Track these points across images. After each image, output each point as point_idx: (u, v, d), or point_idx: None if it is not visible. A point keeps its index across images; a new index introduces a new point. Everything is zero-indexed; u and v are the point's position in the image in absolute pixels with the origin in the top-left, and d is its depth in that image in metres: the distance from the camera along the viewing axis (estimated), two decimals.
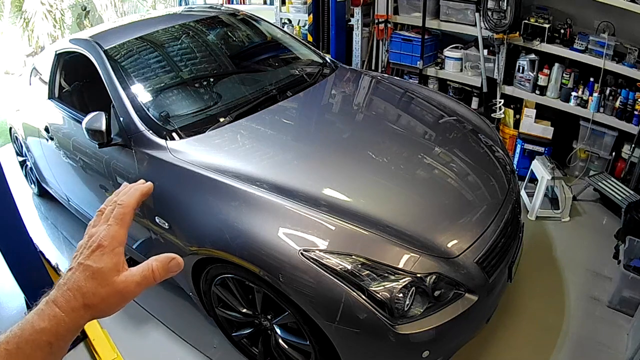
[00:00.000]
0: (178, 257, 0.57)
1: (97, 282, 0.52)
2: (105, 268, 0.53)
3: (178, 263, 0.57)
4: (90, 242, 0.55)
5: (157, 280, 0.56)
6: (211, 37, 2.94)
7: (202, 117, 2.26)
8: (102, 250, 0.54)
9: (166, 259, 0.57)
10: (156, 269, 0.56)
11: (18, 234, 2.12)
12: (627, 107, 3.08)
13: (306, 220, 1.68)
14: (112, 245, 0.55)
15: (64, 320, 0.50)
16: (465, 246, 1.71)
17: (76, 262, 0.54)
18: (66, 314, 0.50)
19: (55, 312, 0.50)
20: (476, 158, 2.20)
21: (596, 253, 2.77)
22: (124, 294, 0.54)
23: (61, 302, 0.51)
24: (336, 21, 4.08)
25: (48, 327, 0.49)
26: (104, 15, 10.03)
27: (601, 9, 3.06)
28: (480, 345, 2.16)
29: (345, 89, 2.78)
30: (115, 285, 0.53)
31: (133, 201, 0.60)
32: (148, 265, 0.56)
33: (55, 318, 0.50)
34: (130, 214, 0.59)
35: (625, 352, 2.11)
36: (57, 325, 0.50)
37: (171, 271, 0.57)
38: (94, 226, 0.58)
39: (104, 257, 0.54)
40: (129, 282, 0.54)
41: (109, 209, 0.59)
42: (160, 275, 0.56)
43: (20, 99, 3.39)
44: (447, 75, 3.89)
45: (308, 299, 1.59)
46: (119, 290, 0.53)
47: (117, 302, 0.54)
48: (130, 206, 0.59)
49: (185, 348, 2.26)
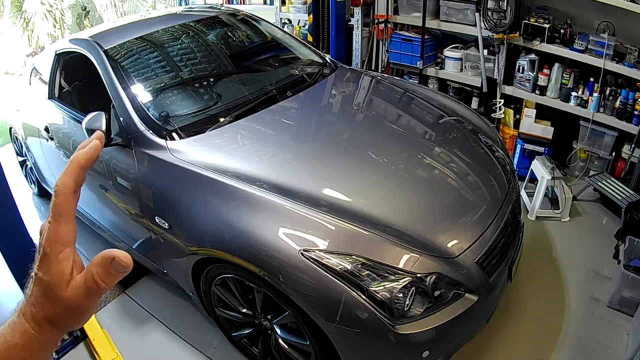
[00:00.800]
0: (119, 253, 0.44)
1: (49, 299, 0.45)
2: (53, 281, 0.45)
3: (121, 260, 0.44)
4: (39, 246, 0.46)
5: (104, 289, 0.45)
6: (211, 37, 2.94)
7: (202, 117, 2.26)
8: (47, 259, 0.45)
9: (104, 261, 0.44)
10: (97, 275, 0.45)
11: (18, 234, 2.12)
12: (627, 107, 3.08)
13: (306, 220, 1.68)
14: (56, 251, 0.45)
15: (34, 336, 0.45)
16: (465, 246, 1.71)
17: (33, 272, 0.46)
18: (34, 329, 0.45)
19: (25, 327, 0.45)
20: (476, 158, 2.20)
21: (596, 253, 2.77)
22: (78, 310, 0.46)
23: (28, 317, 0.45)
24: (336, 21, 4.08)
25: (20, 343, 0.45)
26: (104, 15, 10.03)
27: (601, 9, 3.06)
28: (480, 345, 2.15)
29: (345, 89, 2.78)
30: (65, 301, 0.45)
31: (69, 182, 0.46)
32: (88, 271, 0.45)
33: (26, 334, 0.45)
34: (69, 202, 0.46)
35: (625, 352, 2.11)
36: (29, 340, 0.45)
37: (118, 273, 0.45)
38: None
39: (50, 267, 0.45)
40: (77, 296, 0.45)
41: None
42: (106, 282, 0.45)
43: (20, 99, 3.39)
44: (447, 75, 3.88)
45: (308, 299, 1.59)
46: (71, 307, 0.45)
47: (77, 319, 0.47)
48: (65, 192, 0.45)
49: (185, 348, 2.26)
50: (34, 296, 0.45)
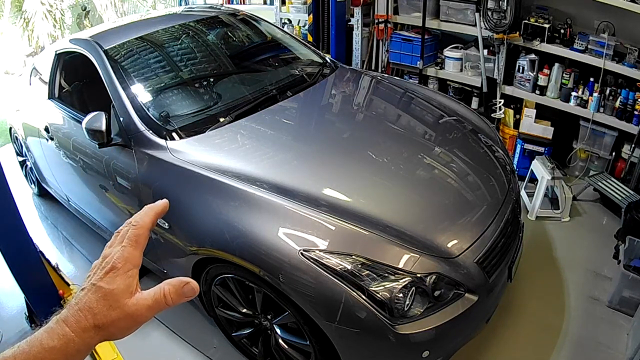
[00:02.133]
0: (192, 282, 0.56)
1: (108, 304, 0.52)
2: (118, 290, 0.52)
3: (192, 288, 0.55)
4: (104, 264, 0.54)
5: (170, 305, 0.55)
6: (211, 37, 2.94)
7: (202, 117, 2.26)
8: (116, 272, 0.53)
9: (179, 283, 0.55)
10: (168, 293, 0.54)
11: (18, 234, 2.12)
12: (627, 107, 3.08)
13: (306, 220, 1.68)
14: (126, 268, 0.54)
15: (73, 341, 0.49)
16: (465, 246, 1.71)
17: (89, 283, 0.53)
18: (76, 334, 0.50)
19: (65, 331, 0.49)
20: (476, 158, 2.20)
21: (596, 253, 2.77)
22: (135, 318, 0.53)
23: (71, 322, 0.50)
24: (336, 21, 4.08)
25: (57, 346, 0.48)
26: (104, 15, 10.02)
27: (601, 9, 3.06)
28: (480, 345, 2.16)
29: (345, 89, 2.78)
30: (126, 308, 0.52)
31: (147, 221, 0.59)
32: (160, 289, 0.55)
33: (64, 337, 0.49)
34: (144, 235, 0.58)
35: (625, 352, 2.11)
36: (66, 345, 0.49)
37: (185, 296, 0.55)
38: (110, 246, 0.57)
39: (117, 279, 0.53)
40: (140, 305, 0.53)
41: (124, 230, 0.58)
42: (173, 300, 0.54)
43: (20, 99, 3.39)
44: (447, 75, 3.88)
45: (308, 299, 1.59)
46: (130, 314, 0.53)
47: (128, 326, 0.53)
48: (144, 227, 0.58)
49: (185, 348, 2.26)
50: (86, 302, 0.51)
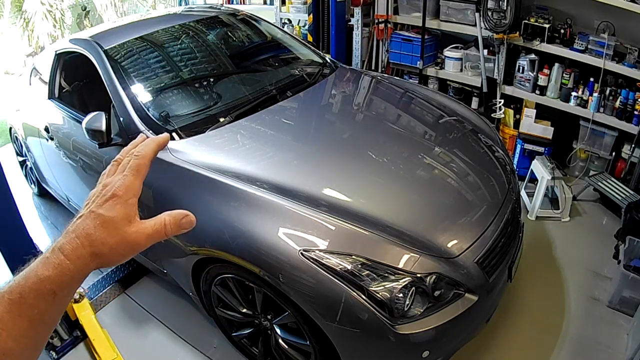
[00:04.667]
0: (191, 215, 0.57)
1: (107, 231, 0.52)
2: (117, 217, 0.52)
3: (190, 220, 0.57)
4: (104, 191, 0.54)
5: (168, 234, 0.56)
6: (211, 37, 2.94)
7: (202, 117, 2.26)
8: (116, 200, 0.53)
9: (179, 214, 0.57)
10: (168, 223, 0.56)
11: (18, 234, 2.12)
12: (627, 107, 3.08)
13: (306, 220, 1.68)
14: (127, 196, 0.54)
15: (68, 269, 0.49)
16: (465, 246, 1.71)
17: (87, 210, 0.53)
18: (72, 261, 0.49)
19: (61, 259, 0.49)
20: (476, 158, 2.20)
21: (596, 253, 2.77)
22: (132, 245, 0.53)
23: (68, 250, 0.50)
24: (336, 21, 4.07)
25: (52, 276, 0.48)
26: (104, 15, 10.03)
27: (601, 9, 3.06)
28: (480, 345, 2.15)
29: (345, 89, 2.78)
30: (125, 235, 0.53)
31: (150, 152, 0.59)
32: (161, 219, 0.56)
33: (60, 266, 0.49)
34: (146, 165, 0.58)
35: (625, 352, 2.11)
36: (61, 273, 0.49)
37: (183, 227, 0.57)
38: (108, 176, 0.57)
39: (117, 207, 0.53)
40: (140, 233, 0.54)
41: (126, 160, 0.58)
42: (171, 230, 0.56)
43: (20, 99, 3.39)
44: (447, 75, 3.88)
45: (308, 299, 1.59)
46: (129, 241, 0.53)
47: (124, 253, 0.53)
48: (146, 157, 0.58)
49: (185, 348, 2.26)
50: (83, 229, 0.51)
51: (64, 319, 2.24)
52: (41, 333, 0.50)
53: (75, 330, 2.31)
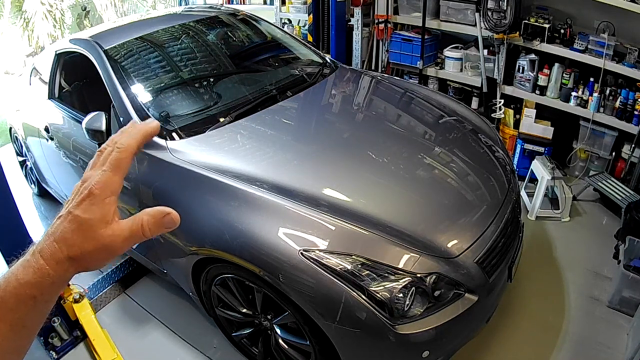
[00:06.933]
0: (173, 212, 0.52)
1: (83, 235, 0.49)
2: (94, 219, 0.49)
3: (172, 219, 0.52)
4: (82, 188, 0.50)
5: (147, 235, 0.51)
6: (211, 37, 2.94)
7: (202, 117, 2.26)
8: (92, 200, 0.49)
9: (159, 213, 0.51)
10: (146, 223, 0.51)
11: (18, 234, 2.12)
12: (627, 107, 3.08)
13: (306, 220, 1.68)
14: (104, 195, 0.50)
15: (48, 274, 0.47)
16: (465, 246, 1.71)
17: (66, 210, 0.50)
18: (51, 266, 0.47)
19: (40, 264, 0.47)
20: (476, 158, 2.20)
21: (596, 253, 2.77)
22: (109, 249, 0.50)
23: (47, 254, 0.48)
24: (336, 21, 4.08)
25: (32, 281, 0.47)
26: (104, 15, 10.03)
27: (601, 9, 3.06)
28: (480, 345, 2.15)
29: (345, 89, 2.78)
30: (101, 239, 0.49)
31: (133, 144, 0.53)
32: (138, 218, 0.51)
33: (39, 271, 0.47)
34: (127, 158, 0.52)
35: (625, 352, 2.11)
36: (41, 278, 0.47)
37: (165, 226, 0.52)
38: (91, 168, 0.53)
39: (93, 207, 0.49)
40: (116, 236, 0.50)
41: (108, 150, 0.53)
42: (151, 231, 0.51)
43: (20, 99, 3.39)
44: (447, 75, 3.88)
45: (308, 299, 1.59)
46: (105, 245, 0.49)
47: (103, 257, 0.50)
48: (128, 150, 0.53)
49: (185, 348, 2.26)
50: (61, 233, 0.48)
51: (64, 319, 2.24)
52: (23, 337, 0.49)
53: (75, 330, 2.31)
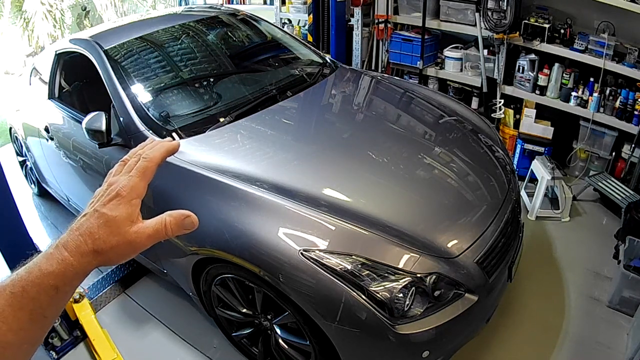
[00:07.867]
0: (193, 215, 0.58)
1: (109, 230, 0.53)
2: (120, 217, 0.54)
3: (192, 221, 0.58)
4: (109, 191, 0.55)
5: (169, 235, 0.56)
6: (211, 37, 2.94)
7: (202, 117, 2.26)
8: (120, 200, 0.54)
9: (181, 215, 0.57)
10: (169, 223, 0.56)
11: (18, 234, 2.12)
12: (627, 107, 3.08)
13: (306, 220, 1.68)
14: (130, 196, 0.55)
15: (71, 265, 0.50)
16: (465, 246, 1.71)
17: (91, 208, 0.54)
18: (75, 258, 0.51)
19: (64, 255, 0.50)
20: (476, 158, 2.20)
21: (596, 253, 2.77)
22: (134, 245, 0.54)
23: (71, 247, 0.51)
24: (336, 21, 4.08)
25: (55, 271, 0.49)
26: (104, 15, 10.03)
27: (601, 9, 3.06)
28: (480, 345, 2.15)
29: (345, 89, 2.78)
30: (127, 235, 0.54)
31: (158, 156, 0.60)
32: (162, 219, 0.56)
33: (63, 262, 0.50)
34: (153, 168, 0.59)
35: (625, 352, 2.11)
36: (64, 269, 0.50)
37: (185, 228, 0.57)
38: (114, 175, 0.58)
39: (120, 207, 0.54)
40: (141, 233, 0.55)
41: (133, 161, 0.59)
42: (172, 230, 0.56)
43: (20, 99, 3.39)
44: (447, 75, 3.88)
45: (308, 299, 1.59)
46: (130, 241, 0.54)
47: (126, 252, 0.55)
48: (154, 161, 0.59)
49: (185, 348, 2.26)
50: (87, 228, 0.52)
51: (63, 319, 2.24)
52: (40, 327, 0.50)
53: (75, 330, 2.31)
